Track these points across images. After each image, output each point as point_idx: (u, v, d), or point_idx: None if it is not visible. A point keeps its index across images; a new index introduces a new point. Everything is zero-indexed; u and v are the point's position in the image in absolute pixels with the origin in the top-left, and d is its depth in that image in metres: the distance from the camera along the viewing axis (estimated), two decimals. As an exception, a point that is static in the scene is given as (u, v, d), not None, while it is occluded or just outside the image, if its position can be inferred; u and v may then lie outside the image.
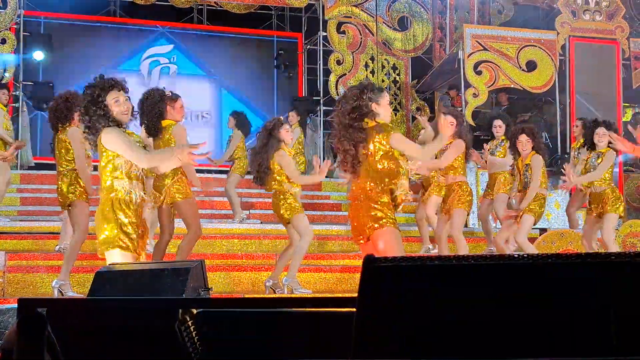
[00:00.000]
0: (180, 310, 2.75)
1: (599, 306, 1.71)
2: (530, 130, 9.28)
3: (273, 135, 8.41)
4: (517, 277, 1.77)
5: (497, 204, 10.29)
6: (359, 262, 7.79)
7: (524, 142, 9.10)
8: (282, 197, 8.45)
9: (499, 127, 10.71)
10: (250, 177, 9.16)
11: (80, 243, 8.02)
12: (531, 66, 14.19)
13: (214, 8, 17.15)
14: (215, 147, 15.86)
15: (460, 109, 14.54)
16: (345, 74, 15.76)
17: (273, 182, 8.45)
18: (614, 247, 9.13)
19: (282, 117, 8.85)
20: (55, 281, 8.02)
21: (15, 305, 2.51)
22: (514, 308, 1.76)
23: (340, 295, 7.58)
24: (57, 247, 9.39)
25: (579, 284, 1.73)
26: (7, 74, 13.69)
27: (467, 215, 9.44)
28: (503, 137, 10.60)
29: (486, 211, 10.87)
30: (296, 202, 8.44)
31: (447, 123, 6.81)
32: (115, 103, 5.41)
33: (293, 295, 8.17)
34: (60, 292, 7.89)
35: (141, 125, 8.00)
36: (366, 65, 16.00)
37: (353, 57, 15.86)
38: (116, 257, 5.24)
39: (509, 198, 9.91)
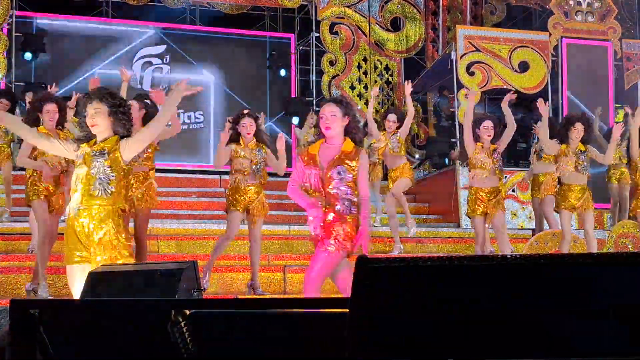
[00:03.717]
0: (172, 311, 2.74)
1: (595, 307, 1.71)
2: (587, 119, 9.45)
3: (235, 129, 8.45)
4: (513, 278, 1.77)
5: (548, 207, 10.44)
6: (351, 263, 7.78)
7: (579, 130, 9.18)
8: (230, 190, 8.49)
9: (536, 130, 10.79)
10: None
11: (44, 241, 7.94)
12: (523, 67, 14.21)
13: (206, 9, 17.14)
14: (207, 149, 15.87)
15: (453, 109, 14.58)
16: (338, 75, 15.78)
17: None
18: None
19: (244, 111, 8.74)
20: (29, 284, 8.04)
21: (8, 306, 2.51)
22: (509, 308, 1.76)
23: (332, 296, 7.57)
24: (29, 247, 9.34)
25: (575, 285, 1.73)
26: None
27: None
28: None
29: (538, 210, 10.99)
30: (234, 199, 8.41)
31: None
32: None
33: (286, 296, 8.16)
34: (34, 293, 7.86)
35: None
36: (359, 66, 16.02)
37: (346, 57, 15.88)
38: (71, 273, 5.34)
39: None
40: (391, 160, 10.82)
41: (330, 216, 5.54)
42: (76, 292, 5.22)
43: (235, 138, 8.44)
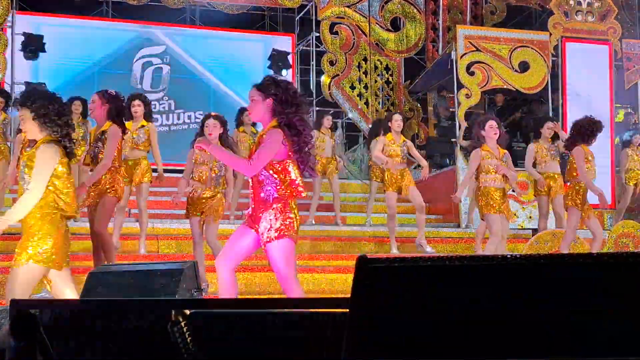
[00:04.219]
0: (173, 311, 2.74)
1: (595, 307, 1.71)
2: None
3: (201, 132, 8.42)
4: (513, 278, 1.77)
5: (561, 207, 10.53)
6: (351, 263, 7.75)
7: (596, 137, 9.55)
8: (188, 197, 8.52)
9: (551, 129, 10.74)
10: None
11: None
12: (524, 67, 14.20)
13: (206, 9, 17.14)
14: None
15: (453, 109, 14.59)
16: (338, 75, 15.78)
17: None
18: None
19: (211, 113, 8.56)
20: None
21: (8, 306, 2.51)
22: (509, 308, 1.76)
23: (333, 296, 7.57)
24: None
25: (575, 285, 1.73)
26: (-1, 75, 13.67)
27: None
28: (550, 139, 10.72)
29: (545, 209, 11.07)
30: (191, 205, 8.39)
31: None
32: None
33: (287, 296, 8.15)
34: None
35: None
36: (359, 66, 16.01)
37: (346, 57, 15.88)
38: None
39: None
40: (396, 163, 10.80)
41: (257, 205, 5.19)
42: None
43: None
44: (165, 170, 13.20)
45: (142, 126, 9.69)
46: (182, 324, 2.71)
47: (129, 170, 9.41)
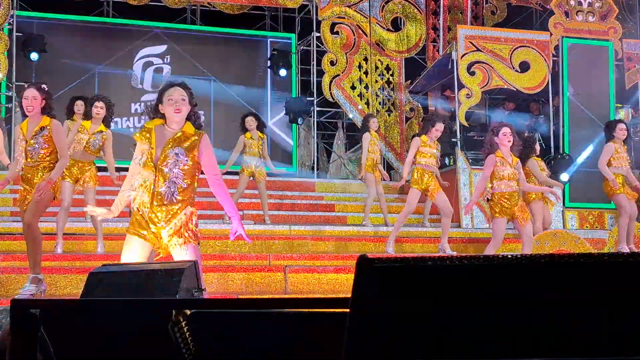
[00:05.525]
0: (173, 311, 2.74)
1: (595, 306, 1.71)
2: None
3: None
4: (513, 278, 1.77)
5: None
6: (352, 263, 7.78)
7: None
8: None
9: (624, 131, 10.68)
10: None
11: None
12: (524, 67, 14.20)
13: (207, 8, 17.15)
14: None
15: (453, 109, 14.59)
16: (338, 75, 15.78)
17: None
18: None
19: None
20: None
21: (8, 306, 2.51)
22: (510, 309, 1.76)
23: (333, 296, 7.57)
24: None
25: (576, 284, 1.73)
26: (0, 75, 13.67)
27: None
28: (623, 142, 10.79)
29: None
30: None
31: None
32: None
33: (287, 296, 8.16)
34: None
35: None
36: (359, 66, 16.01)
37: (346, 57, 15.88)
38: None
39: None
40: (431, 164, 11.02)
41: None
42: None
43: None
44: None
45: (100, 131, 9.55)
46: (182, 324, 2.71)
47: (76, 171, 9.32)
